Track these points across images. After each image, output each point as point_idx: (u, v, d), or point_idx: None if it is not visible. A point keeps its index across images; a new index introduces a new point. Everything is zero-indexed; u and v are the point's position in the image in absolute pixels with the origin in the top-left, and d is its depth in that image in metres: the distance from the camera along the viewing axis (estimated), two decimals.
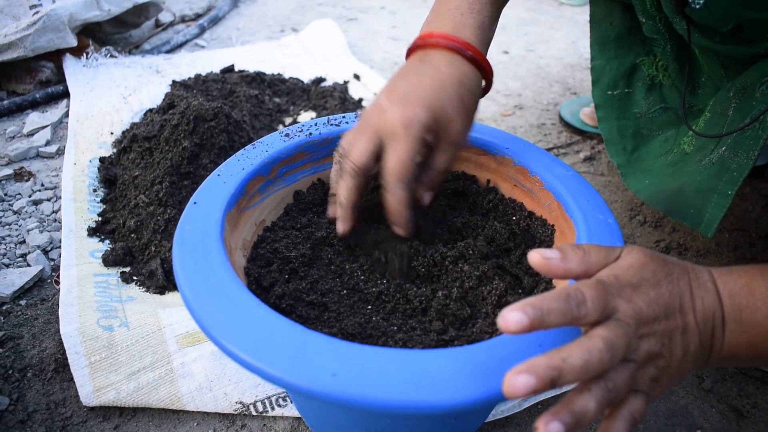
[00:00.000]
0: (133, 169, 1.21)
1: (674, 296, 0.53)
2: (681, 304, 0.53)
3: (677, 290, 0.54)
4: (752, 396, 0.92)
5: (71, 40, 1.70)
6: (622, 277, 0.53)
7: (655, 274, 0.54)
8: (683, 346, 0.53)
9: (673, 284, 0.54)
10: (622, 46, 1.17)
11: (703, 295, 0.54)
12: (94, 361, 0.88)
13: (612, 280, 0.52)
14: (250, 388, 0.86)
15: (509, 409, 0.87)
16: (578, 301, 0.49)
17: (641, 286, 0.53)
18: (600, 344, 0.47)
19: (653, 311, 0.52)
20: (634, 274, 0.53)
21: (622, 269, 0.54)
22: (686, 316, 0.53)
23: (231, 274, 0.61)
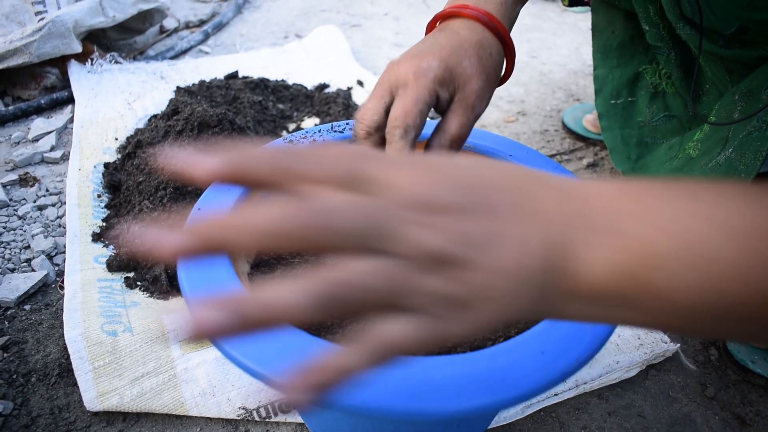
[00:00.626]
0: (138, 175, 1.22)
1: (489, 180, 0.34)
2: (501, 195, 0.34)
3: (498, 176, 0.35)
4: (755, 404, 0.92)
5: (76, 47, 1.71)
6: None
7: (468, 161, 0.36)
8: (497, 254, 0.32)
9: (494, 170, 0.35)
10: (624, 55, 1.18)
11: (548, 195, 0.34)
12: (98, 366, 0.88)
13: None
14: (253, 394, 0.87)
15: (512, 416, 0.87)
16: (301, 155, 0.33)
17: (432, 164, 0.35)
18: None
19: (444, 194, 0.32)
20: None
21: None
22: (506, 216, 0.33)
23: (234, 280, 0.61)
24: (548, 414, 0.89)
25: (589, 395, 0.92)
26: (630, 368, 0.93)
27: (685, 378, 0.95)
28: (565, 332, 0.55)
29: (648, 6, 1.01)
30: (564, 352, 0.52)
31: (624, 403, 0.91)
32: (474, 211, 0.32)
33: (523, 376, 0.50)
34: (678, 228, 0.32)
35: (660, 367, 0.96)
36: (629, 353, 0.94)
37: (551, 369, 0.51)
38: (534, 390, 0.49)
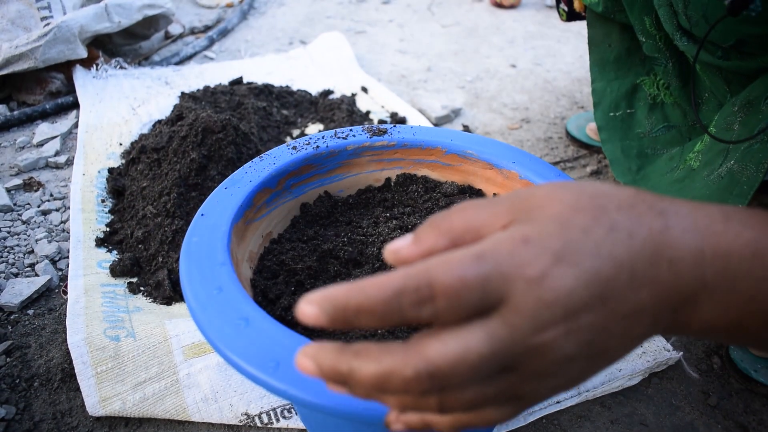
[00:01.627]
0: (142, 180, 1.22)
1: (619, 267, 0.33)
2: (631, 275, 0.34)
3: (626, 255, 0.34)
4: (758, 412, 0.91)
5: (81, 52, 1.71)
6: (530, 237, 0.33)
7: (588, 231, 0.34)
8: (621, 336, 0.35)
9: (620, 245, 0.34)
10: (621, 68, 1.18)
11: (672, 257, 0.35)
12: (100, 371, 0.88)
13: (505, 248, 0.33)
14: (256, 400, 0.87)
15: (514, 423, 0.86)
16: (417, 299, 0.32)
17: (563, 255, 0.33)
18: (421, 365, 0.32)
19: (578, 297, 0.32)
20: (552, 231, 0.34)
21: (530, 226, 0.34)
22: (638, 293, 0.34)
23: (237, 285, 0.61)
24: (550, 422, 0.89)
25: (591, 403, 0.91)
26: (633, 376, 0.93)
27: (687, 386, 0.95)
28: None
29: (644, 18, 1.02)
30: None
31: (627, 411, 0.91)
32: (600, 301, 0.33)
33: None
34: None
35: (663, 375, 0.96)
36: (632, 361, 0.94)
37: None
38: None
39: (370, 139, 0.88)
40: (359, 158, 0.89)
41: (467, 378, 0.32)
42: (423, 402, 0.34)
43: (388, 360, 0.32)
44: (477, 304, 0.32)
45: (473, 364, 0.31)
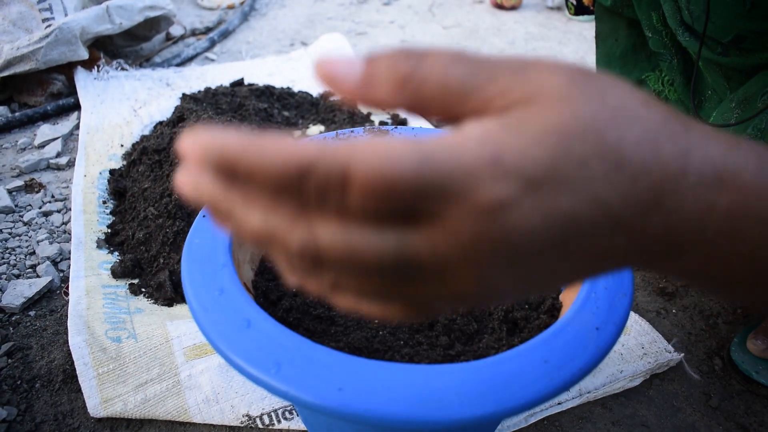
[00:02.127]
0: (143, 182, 1.22)
1: (603, 215, 0.27)
2: (614, 225, 0.28)
3: (619, 202, 0.27)
4: (759, 414, 0.91)
5: (83, 53, 1.71)
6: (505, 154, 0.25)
7: (586, 164, 0.26)
8: (568, 271, 0.30)
9: (617, 189, 0.27)
10: (627, 63, 1.18)
11: (673, 207, 0.29)
12: (101, 372, 0.88)
13: (467, 160, 0.25)
14: (257, 401, 0.87)
15: (515, 425, 0.86)
16: (323, 186, 0.24)
17: (539, 186, 0.26)
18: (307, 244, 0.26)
19: (535, 239, 0.26)
20: (539, 154, 0.26)
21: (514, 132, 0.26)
22: (612, 240, 0.28)
23: (239, 287, 0.61)
24: (552, 423, 0.89)
25: (592, 404, 0.91)
26: (634, 377, 0.93)
27: (689, 388, 0.95)
28: (568, 341, 0.55)
29: (651, 13, 1.02)
30: (567, 361, 0.52)
31: (628, 412, 0.91)
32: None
33: (527, 385, 0.50)
34: None
35: (664, 377, 0.96)
36: (633, 362, 0.94)
37: (554, 377, 0.51)
38: (537, 399, 0.49)
39: None
40: None
41: (355, 273, 0.26)
42: (309, 273, 0.28)
43: (274, 221, 0.26)
44: (397, 213, 0.25)
45: (367, 267, 0.26)
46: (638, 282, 1.14)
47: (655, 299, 1.11)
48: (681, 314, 1.08)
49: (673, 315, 1.08)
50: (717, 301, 1.10)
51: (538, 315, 0.69)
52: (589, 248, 0.28)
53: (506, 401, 0.49)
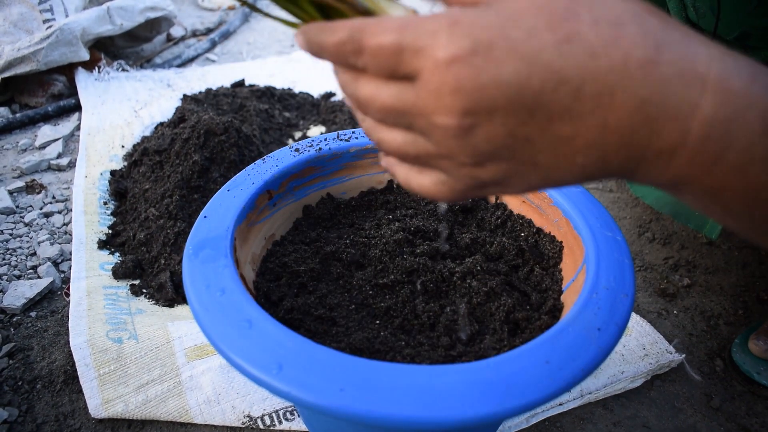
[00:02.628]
0: (144, 183, 1.22)
1: (558, 82, 0.31)
2: (576, 98, 0.31)
3: (575, 72, 0.31)
4: (761, 415, 0.91)
5: (83, 54, 1.71)
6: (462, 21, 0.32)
7: (534, 33, 0.31)
8: (553, 154, 0.34)
9: (569, 58, 0.30)
10: None
11: (647, 99, 0.30)
12: (103, 373, 0.88)
13: (431, 25, 0.33)
14: (258, 402, 0.87)
15: (516, 426, 0.86)
16: (352, 49, 0.36)
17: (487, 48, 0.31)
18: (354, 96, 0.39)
19: (488, 95, 0.32)
20: (491, 22, 0.31)
21: (476, 11, 0.33)
22: (581, 121, 0.32)
23: (240, 288, 0.61)
24: (553, 424, 0.89)
25: (594, 405, 0.91)
26: (635, 378, 0.93)
27: (690, 389, 0.95)
28: (569, 341, 0.55)
29: None
30: (569, 362, 0.52)
31: (629, 413, 0.91)
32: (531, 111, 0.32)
33: (528, 385, 0.50)
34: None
35: (665, 378, 0.96)
36: (634, 363, 0.94)
37: (556, 378, 0.51)
38: (539, 399, 0.49)
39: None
40: (362, 160, 0.89)
41: (379, 116, 0.38)
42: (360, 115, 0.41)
43: (341, 78, 0.39)
44: (395, 68, 0.34)
45: (380, 107, 0.37)
46: (639, 283, 1.14)
47: (657, 300, 1.11)
48: (682, 315, 1.08)
49: (674, 316, 1.08)
50: (718, 302, 1.10)
51: (539, 315, 0.69)
52: (558, 123, 0.32)
53: (507, 402, 0.49)
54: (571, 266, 0.73)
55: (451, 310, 0.69)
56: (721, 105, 0.29)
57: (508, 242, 0.79)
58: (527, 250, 0.78)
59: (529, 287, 0.74)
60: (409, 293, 0.72)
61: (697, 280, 1.15)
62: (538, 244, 0.81)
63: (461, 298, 0.72)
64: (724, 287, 1.13)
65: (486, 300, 0.71)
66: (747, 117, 0.29)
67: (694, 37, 0.31)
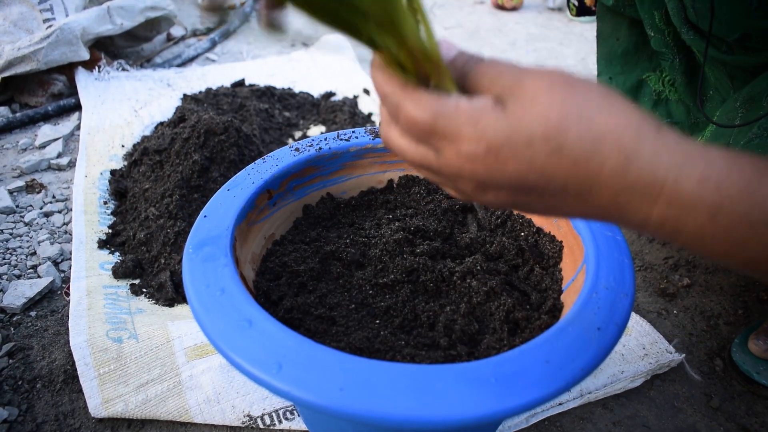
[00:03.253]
0: (144, 182, 1.22)
1: (548, 180, 0.41)
2: (563, 189, 0.41)
3: (561, 174, 0.40)
4: (761, 415, 0.91)
5: (84, 54, 1.72)
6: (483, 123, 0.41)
7: (531, 144, 0.40)
8: (545, 207, 0.44)
9: (555, 165, 0.40)
10: (628, 62, 1.19)
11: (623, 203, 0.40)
12: (103, 372, 0.88)
13: (461, 120, 0.41)
14: (258, 401, 0.87)
15: (516, 425, 0.86)
16: (392, 110, 0.44)
17: (495, 153, 0.41)
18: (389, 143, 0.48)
19: (495, 179, 0.42)
20: (502, 130, 0.40)
21: (494, 115, 0.41)
22: (569, 202, 0.42)
23: (240, 287, 0.61)
24: (553, 423, 0.89)
25: (593, 405, 0.91)
26: (635, 378, 0.93)
27: (690, 388, 0.95)
28: (569, 341, 0.55)
29: (653, 12, 1.02)
30: (569, 361, 0.52)
31: (629, 413, 0.91)
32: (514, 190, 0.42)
33: (528, 385, 0.50)
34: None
35: (665, 378, 0.96)
36: (634, 363, 0.94)
37: (556, 378, 0.51)
38: (538, 399, 0.49)
39: (373, 140, 0.88)
40: (362, 160, 0.89)
41: (406, 161, 0.47)
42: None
43: (382, 123, 0.48)
44: (422, 139, 0.43)
45: (409, 161, 0.46)
46: (639, 283, 1.14)
47: (656, 300, 1.11)
48: (682, 315, 1.08)
49: (674, 316, 1.08)
50: (718, 302, 1.10)
51: (539, 315, 0.69)
52: (543, 197, 0.42)
53: (507, 401, 0.49)
54: (570, 266, 0.73)
55: (450, 309, 0.69)
56: (672, 203, 0.38)
57: (508, 242, 0.79)
58: (527, 249, 0.78)
59: (528, 287, 0.74)
60: (409, 293, 0.72)
61: (697, 279, 1.15)
62: (538, 243, 0.81)
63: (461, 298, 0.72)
64: (723, 287, 1.13)
65: (486, 300, 0.71)
66: (695, 211, 0.38)
67: (662, 146, 0.38)
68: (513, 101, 0.40)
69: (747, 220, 0.37)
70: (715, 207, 0.37)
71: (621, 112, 0.39)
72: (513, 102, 0.40)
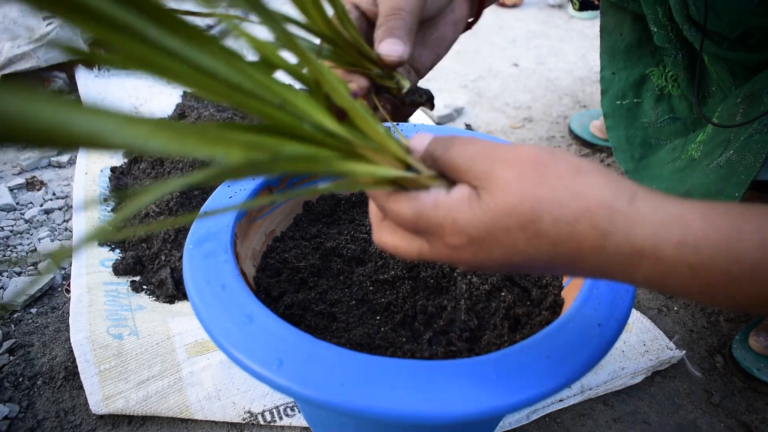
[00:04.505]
0: (144, 179, 1.22)
1: (531, 261, 0.43)
2: (547, 266, 0.43)
3: (543, 257, 0.42)
4: (761, 411, 0.91)
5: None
6: (460, 221, 0.42)
7: (510, 233, 0.41)
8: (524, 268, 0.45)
9: (537, 248, 0.41)
10: (631, 57, 1.19)
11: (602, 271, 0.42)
12: (103, 369, 0.88)
13: (440, 218, 0.43)
14: (258, 398, 0.87)
15: (517, 422, 0.87)
16: (380, 207, 0.47)
17: (478, 243, 0.43)
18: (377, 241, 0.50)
19: (480, 264, 0.44)
20: (481, 222, 0.42)
21: (470, 208, 0.42)
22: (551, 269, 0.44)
23: (240, 283, 0.61)
24: (553, 420, 0.89)
25: (594, 401, 0.91)
26: (635, 375, 0.93)
27: (690, 385, 0.95)
28: (570, 337, 0.55)
29: (657, 8, 1.02)
30: (569, 357, 0.52)
31: (629, 409, 0.91)
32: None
33: (528, 381, 0.50)
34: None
35: (665, 374, 0.96)
36: (635, 360, 0.94)
37: (556, 374, 0.51)
38: (539, 395, 0.49)
39: None
40: None
41: (408, 256, 0.48)
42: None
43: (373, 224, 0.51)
44: (412, 233, 0.46)
45: (405, 256, 0.48)
46: None
47: (657, 297, 1.11)
48: (682, 312, 1.08)
49: (675, 312, 1.08)
50: None
51: (539, 311, 0.69)
52: (534, 269, 0.43)
53: (508, 397, 0.49)
54: None
55: (451, 306, 0.69)
56: (654, 267, 0.39)
57: None
58: None
59: (529, 283, 0.74)
60: (410, 289, 0.72)
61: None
62: None
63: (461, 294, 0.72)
64: None
65: (486, 296, 0.71)
66: (676, 272, 0.39)
67: (638, 218, 0.39)
68: (486, 193, 0.42)
69: (729, 275, 0.38)
70: (695, 267, 0.38)
71: (593, 190, 0.40)
72: (486, 194, 0.42)
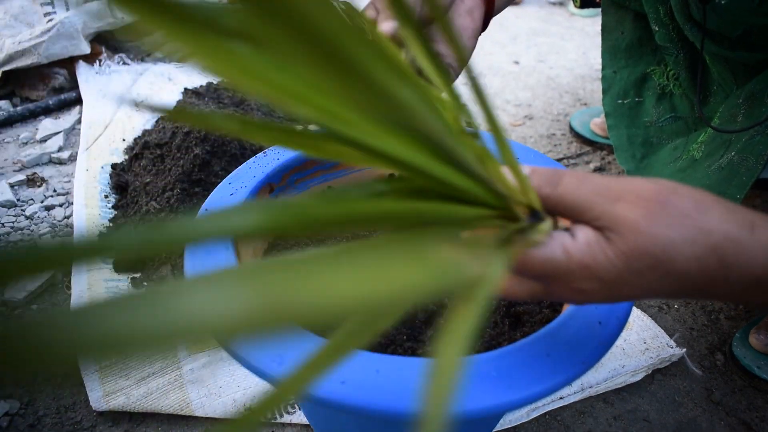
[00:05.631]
0: (145, 176, 1.22)
1: (655, 296, 0.43)
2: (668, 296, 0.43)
3: (667, 292, 0.43)
4: (761, 409, 0.91)
5: (84, 48, 1.71)
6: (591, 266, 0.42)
7: (642, 275, 0.41)
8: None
9: (665, 286, 0.42)
10: (632, 56, 1.19)
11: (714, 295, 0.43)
12: (104, 366, 0.88)
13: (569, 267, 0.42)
14: (259, 395, 0.87)
15: (517, 419, 0.87)
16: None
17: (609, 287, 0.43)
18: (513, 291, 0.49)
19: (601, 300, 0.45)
20: (611, 268, 0.42)
21: (599, 251, 0.42)
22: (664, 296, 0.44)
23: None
24: (553, 417, 0.89)
25: (594, 399, 0.92)
26: (636, 372, 0.93)
27: (690, 383, 0.95)
28: (570, 335, 0.55)
29: (658, 7, 1.02)
30: (569, 355, 0.52)
31: (629, 407, 0.91)
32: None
33: (529, 379, 0.50)
34: None
35: (666, 372, 0.96)
36: (635, 357, 0.94)
37: (557, 371, 0.51)
38: (539, 393, 0.49)
39: None
40: None
41: (513, 296, 0.48)
42: None
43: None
44: (526, 275, 0.44)
45: (510, 295, 0.48)
46: None
47: None
48: (683, 310, 1.08)
49: (675, 310, 1.08)
50: None
51: (540, 309, 0.69)
52: (642, 299, 0.45)
53: (508, 395, 0.49)
54: None
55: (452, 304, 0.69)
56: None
57: None
58: None
59: None
60: None
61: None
62: None
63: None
64: None
65: None
66: None
67: (757, 247, 0.40)
68: (616, 235, 0.41)
69: None
70: None
71: (720, 226, 0.40)
72: (616, 236, 0.41)
